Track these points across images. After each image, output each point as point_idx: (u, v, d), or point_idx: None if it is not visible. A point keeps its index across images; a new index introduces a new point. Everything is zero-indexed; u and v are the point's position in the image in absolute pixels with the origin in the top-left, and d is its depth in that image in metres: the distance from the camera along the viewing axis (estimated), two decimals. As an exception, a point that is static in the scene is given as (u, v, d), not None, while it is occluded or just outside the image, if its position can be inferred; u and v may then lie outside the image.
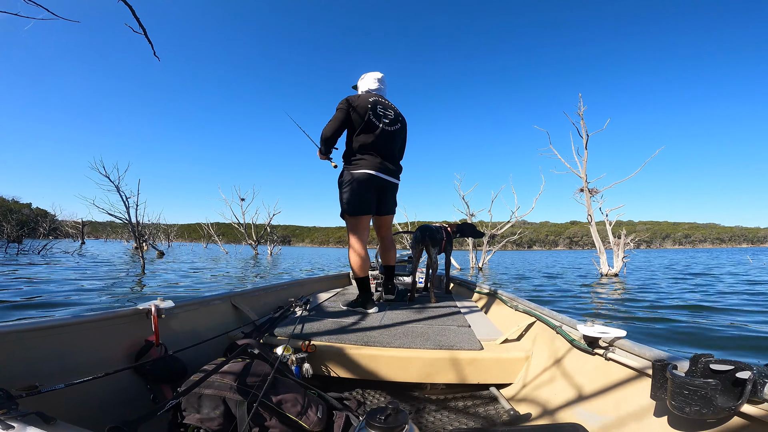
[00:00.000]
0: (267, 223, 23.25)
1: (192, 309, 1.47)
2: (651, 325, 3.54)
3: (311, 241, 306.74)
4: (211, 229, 26.53)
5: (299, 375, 1.31)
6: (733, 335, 3.13)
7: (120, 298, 4.54)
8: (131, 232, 16.41)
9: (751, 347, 2.85)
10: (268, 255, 22.30)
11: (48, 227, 34.81)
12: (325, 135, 2.06)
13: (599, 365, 1.09)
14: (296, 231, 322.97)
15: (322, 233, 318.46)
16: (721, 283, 7.58)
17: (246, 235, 22.63)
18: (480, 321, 1.93)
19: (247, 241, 22.65)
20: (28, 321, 0.92)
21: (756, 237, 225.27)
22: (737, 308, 4.46)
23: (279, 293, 2.25)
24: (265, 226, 23.29)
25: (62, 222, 37.21)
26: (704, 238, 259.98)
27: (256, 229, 23.26)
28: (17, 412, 0.56)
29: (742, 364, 0.68)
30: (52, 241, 24.45)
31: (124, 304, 1.02)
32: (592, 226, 9.95)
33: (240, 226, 22.91)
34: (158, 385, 1.13)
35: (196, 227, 34.49)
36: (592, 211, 9.99)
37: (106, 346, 1.09)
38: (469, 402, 1.34)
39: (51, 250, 15.56)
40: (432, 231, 2.58)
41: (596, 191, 10.20)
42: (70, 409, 0.87)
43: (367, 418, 0.67)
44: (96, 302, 4.18)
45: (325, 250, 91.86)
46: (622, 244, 9.49)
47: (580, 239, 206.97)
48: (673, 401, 0.69)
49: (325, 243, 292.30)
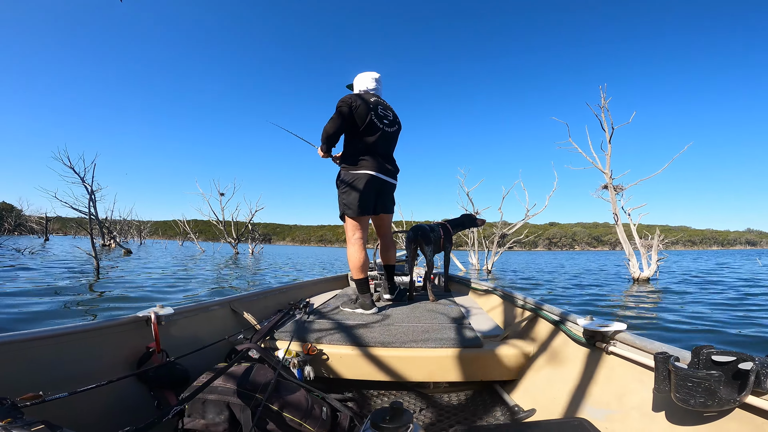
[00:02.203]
0: (248, 220, 21.95)
1: (191, 315, 1.47)
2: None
3: (292, 240, 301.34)
4: (187, 226, 24.90)
5: (302, 378, 1.31)
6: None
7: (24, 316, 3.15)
8: (98, 228, 15.16)
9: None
10: (250, 254, 20.76)
11: (14, 222, 33.07)
12: (327, 133, 2.03)
13: (601, 359, 1.10)
14: (277, 229, 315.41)
15: (303, 232, 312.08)
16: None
17: (225, 233, 21.24)
18: (480, 318, 1.93)
19: (227, 239, 21.26)
20: (30, 330, 0.92)
21: (726, 240, 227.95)
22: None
23: (278, 297, 2.25)
24: (246, 223, 21.97)
25: (28, 217, 35.14)
26: (677, 240, 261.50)
27: (236, 227, 21.71)
28: (23, 422, 0.55)
29: (743, 355, 0.68)
30: (5, 237, 20.69)
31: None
32: (618, 226, 9.14)
33: (219, 223, 21.44)
34: (161, 392, 1.12)
35: (172, 224, 31.29)
36: (617, 210, 9.17)
37: (107, 354, 1.09)
38: (473, 399, 1.34)
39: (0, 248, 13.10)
40: (425, 230, 2.58)
41: (621, 188, 9.29)
42: (75, 418, 0.87)
43: (371, 419, 0.67)
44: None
45: (308, 249, 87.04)
46: (656, 245, 8.67)
47: (559, 240, 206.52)
48: (678, 393, 0.69)
49: (307, 242, 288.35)
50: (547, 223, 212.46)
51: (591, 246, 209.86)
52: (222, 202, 21.69)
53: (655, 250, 8.70)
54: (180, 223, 27.01)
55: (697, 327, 3.61)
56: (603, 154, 9.47)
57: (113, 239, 19.28)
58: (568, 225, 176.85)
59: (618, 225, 9.13)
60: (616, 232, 9.11)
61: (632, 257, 8.77)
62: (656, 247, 8.71)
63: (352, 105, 2.03)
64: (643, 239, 8.97)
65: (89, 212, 11.25)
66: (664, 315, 4.23)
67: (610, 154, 9.35)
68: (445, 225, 2.81)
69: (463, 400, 1.34)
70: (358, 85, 2.24)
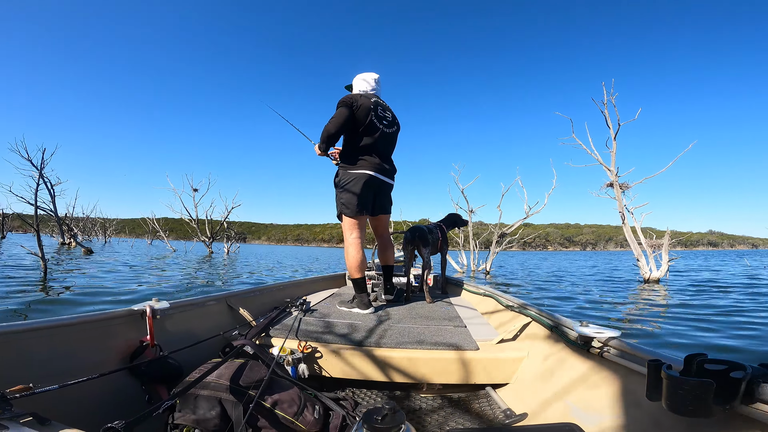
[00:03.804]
0: (224, 218, 20.75)
1: (187, 310, 1.46)
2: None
3: (268, 239, 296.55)
4: (157, 224, 23.59)
5: (295, 375, 1.31)
6: None
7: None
8: (58, 225, 14.30)
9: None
10: (225, 253, 19.73)
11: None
12: (329, 132, 2.01)
13: (594, 365, 1.10)
14: (252, 228, 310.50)
15: (280, 230, 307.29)
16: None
17: (199, 231, 19.98)
18: (476, 321, 1.93)
19: (200, 237, 20.09)
20: (21, 322, 0.92)
21: (689, 241, 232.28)
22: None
23: (275, 294, 2.24)
24: (221, 221, 20.81)
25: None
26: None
27: (211, 225, 20.62)
28: (11, 413, 0.55)
29: (735, 363, 0.69)
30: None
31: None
32: (625, 225, 8.94)
33: (192, 220, 20.15)
34: (154, 386, 1.12)
35: (141, 222, 29.83)
36: (624, 209, 8.97)
37: (100, 347, 1.09)
38: (466, 402, 1.34)
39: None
40: (423, 231, 2.57)
41: (627, 186, 9.11)
42: (65, 411, 0.86)
43: (363, 419, 0.66)
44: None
45: (286, 249, 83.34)
46: (666, 245, 8.50)
47: (533, 240, 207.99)
48: (669, 401, 0.69)
49: (283, 241, 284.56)
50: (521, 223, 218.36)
51: (563, 246, 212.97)
52: (195, 198, 20.53)
53: (666, 250, 8.54)
54: (149, 221, 25.71)
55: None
56: (607, 152, 9.25)
57: (73, 237, 18.31)
58: (541, 225, 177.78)
59: (625, 224, 8.94)
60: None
61: (642, 257, 8.55)
62: (666, 248, 8.56)
63: (353, 105, 2.03)
64: (648, 239, 8.87)
65: (35, 206, 10.44)
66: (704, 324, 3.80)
67: (615, 151, 9.12)
68: (442, 226, 2.81)
69: (456, 402, 1.34)
70: (357, 86, 2.24)
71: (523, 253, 47.87)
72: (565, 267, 16.93)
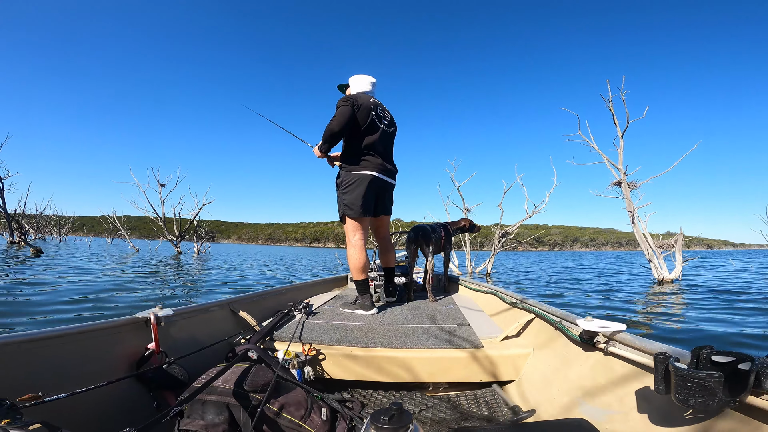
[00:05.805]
0: (194, 215, 18.76)
1: (191, 316, 1.47)
2: None
3: (239, 238, 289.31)
4: (118, 221, 21.37)
5: (301, 378, 1.31)
6: None
7: None
8: (7, 223, 12.15)
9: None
10: (195, 253, 18.38)
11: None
12: (332, 131, 1.98)
13: (600, 360, 1.10)
14: (221, 227, 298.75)
15: (251, 230, 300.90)
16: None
17: (165, 230, 18.10)
18: (480, 319, 1.93)
19: (167, 236, 18.15)
20: (29, 331, 0.92)
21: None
22: None
23: (278, 297, 2.25)
24: (191, 219, 18.85)
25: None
26: (606, 241, 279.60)
27: (180, 223, 18.60)
28: (22, 422, 0.56)
29: (743, 355, 0.68)
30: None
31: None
32: (634, 225, 8.71)
33: (158, 218, 18.12)
34: (161, 393, 1.12)
35: (101, 220, 26.90)
36: (634, 209, 8.68)
37: (107, 355, 1.09)
38: (472, 400, 1.34)
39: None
40: (426, 231, 2.57)
41: (635, 185, 8.92)
42: (74, 418, 0.87)
43: (371, 420, 0.67)
44: None
45: (258, 248, 78.59)
46: (679, 245, 8.32)
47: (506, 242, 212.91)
48: (677, 394, 0.69)
49: (254, 240, 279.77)
50: (493, 224, 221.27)
51: (533, 247, 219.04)
52: (162, 194, 18.31)
53: (679, 250, 8.40)
54: (110, 219, 23.11)
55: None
56: (615, 150, 9.04)
57: (24, 236, 16.72)
58: (510, 226, 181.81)
59: (634, 224, 8.68)
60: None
61: (654, 258, 8.36)
62: (680, 248, 8.41)
63: (354, 104, 2.02)
64: (655, 239, 8.67)
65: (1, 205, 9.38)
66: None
67: (623, 149, 8.90)
68: (445, 226, 2.81)
69: (462, 400, 1.34)
70: (354, 87, 2.23)
71: (503, 254, 44.88)
72: (565, 267, 16.39)
